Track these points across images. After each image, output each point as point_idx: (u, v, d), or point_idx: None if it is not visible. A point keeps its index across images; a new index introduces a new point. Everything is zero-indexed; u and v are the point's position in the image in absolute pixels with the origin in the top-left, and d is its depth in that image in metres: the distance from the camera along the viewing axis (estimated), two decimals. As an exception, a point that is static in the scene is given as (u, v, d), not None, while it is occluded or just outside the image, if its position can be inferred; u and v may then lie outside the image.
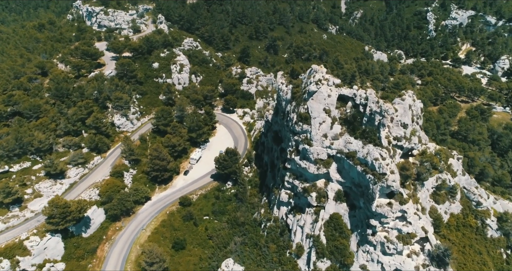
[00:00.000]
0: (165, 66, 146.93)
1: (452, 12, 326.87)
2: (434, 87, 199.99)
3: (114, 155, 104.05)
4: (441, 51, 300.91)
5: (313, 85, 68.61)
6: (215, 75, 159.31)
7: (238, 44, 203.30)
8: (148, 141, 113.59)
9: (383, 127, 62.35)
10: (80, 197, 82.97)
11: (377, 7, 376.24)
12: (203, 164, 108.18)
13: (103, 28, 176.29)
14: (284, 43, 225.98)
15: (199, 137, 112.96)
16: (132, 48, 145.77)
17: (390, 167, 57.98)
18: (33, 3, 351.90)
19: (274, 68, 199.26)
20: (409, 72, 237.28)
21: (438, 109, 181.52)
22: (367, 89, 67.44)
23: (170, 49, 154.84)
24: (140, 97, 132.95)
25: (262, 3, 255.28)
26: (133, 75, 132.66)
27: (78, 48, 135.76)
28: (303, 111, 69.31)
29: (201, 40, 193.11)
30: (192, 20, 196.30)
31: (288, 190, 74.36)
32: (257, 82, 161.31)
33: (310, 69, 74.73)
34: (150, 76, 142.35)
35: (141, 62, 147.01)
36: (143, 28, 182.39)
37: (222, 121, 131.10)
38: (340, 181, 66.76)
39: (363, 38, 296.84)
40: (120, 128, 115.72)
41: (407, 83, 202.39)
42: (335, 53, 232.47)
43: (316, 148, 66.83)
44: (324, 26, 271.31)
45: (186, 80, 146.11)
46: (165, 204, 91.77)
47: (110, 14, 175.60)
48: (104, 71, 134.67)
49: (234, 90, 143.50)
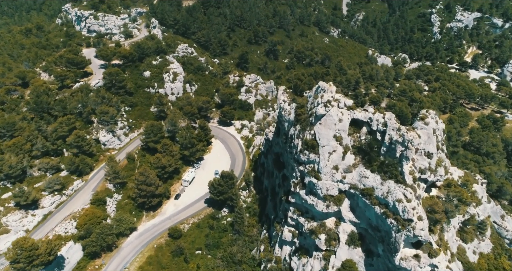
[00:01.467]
0: (157, 75, 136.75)
1: (457, 14, 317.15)
2: (443, 95, 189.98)
3: (97, 177, 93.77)
4: (446, 55, 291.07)
5: (321, 107, 58.45)
6: (212, 83, 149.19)
7: (236, 49, 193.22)
8: (136, 159, 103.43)
9: (406, 160, 52.15)
10: (54, 232, 72.73)
11: (380, 9, 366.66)
12: (196, 186, 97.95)
13: (92, 33, 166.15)
14: (284, 47, 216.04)
15: (193, 155, 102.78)
16: (122, 55, 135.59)
17: (417, 211, 47.81)
18: (25, 6, 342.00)
19: (274, 75, 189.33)
20: (415, 77, 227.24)
21: (448, 118, 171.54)
22: (385, 113, 57.27)
23: (163, 57, 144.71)
24: (130, 110, 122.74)
25: (262, 6, 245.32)
26: (122, 85, 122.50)
27: (63, 56, 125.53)
28: (310, 138, 59.14)
29: (197, 45, 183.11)
30: (188, 24, 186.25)
31: (292, 227, 64.16)
32: (256, 90, 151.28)
33: (317, 87, 64.53)
34: (141, 86, 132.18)
35: (132, 70, 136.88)
36: (135, 33, 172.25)
37: (218, 136, 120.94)
38: (353, 222, 56.56)
39: (366, 41, 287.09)
40: (106, 146, 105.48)
41: (414, 90, 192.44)
42: (337, 58, 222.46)
43: (325, 182, 56.65)
44: (326, 29, 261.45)
45: (180, 90, 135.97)
46: (152, 236, 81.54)
47: (100, 18, 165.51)
48: (90, 82, 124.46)
49: (232, 101, 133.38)
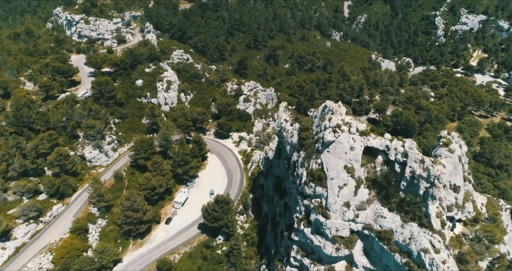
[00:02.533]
0: (150, 83, 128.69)
1: (462, 17, 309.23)
2: (451, 102, 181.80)
3: (81, 200, 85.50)
4: (451, 59, 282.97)
5: (329, 132, 50.24)
6: (208, 92, 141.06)
7: (235, 54, 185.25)
8: (125, 178, 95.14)
9: (432, 200, 43.87)
10: (26, 268, 64.41)
11: (382, 11, 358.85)
12: (190, 208, 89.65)
13: (83, 39, 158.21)
14: (285, 52, 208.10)
15: (186, 173, 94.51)
16: (112, 63, 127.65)
17: (448, 265, 39.48)
18: (19, 8, 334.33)
19: (275, 81, 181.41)
20: (420, 83, 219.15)
21: (457, 127, 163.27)
22: (405, 140, 48.90)
23: (157, 64, 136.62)
24: (120, 122, 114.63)
25: (261, 9, 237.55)
26: (112, 95, 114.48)
27: (49, 64, 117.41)
28: (316, 168, 50.92)
29: (194, 50, 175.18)
30: (184, 28, 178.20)
31: (295, 268, 55.82)
32: (256, 99, 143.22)
33: (324, 107, 56.26)
34: (133, 96, 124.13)
35: (123, 78, 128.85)
36: (129, 38, 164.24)
37: (215, 150, 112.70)
38: (368, 268, 48.23)
39: (369, 45, 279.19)
40: (92, 163, 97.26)
41: (420, 97, 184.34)
42: (340, 63, 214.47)
43: (335, 221, 48.39)
44: (328, 32, 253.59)
45: (174, 100, 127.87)
46: (139, 268, 73.13)
47: (91, 23, 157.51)
48: (77, 92, 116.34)
49: (229, 111, 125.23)
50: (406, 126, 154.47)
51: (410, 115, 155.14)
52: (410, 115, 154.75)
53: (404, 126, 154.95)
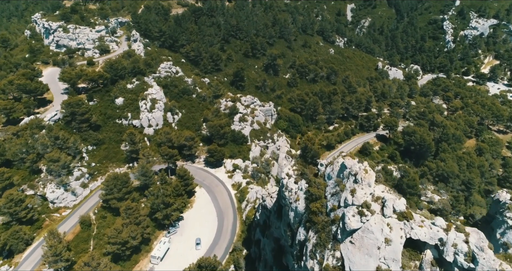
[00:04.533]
0: (132, 102, 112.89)
1: (472, 21, 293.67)
2: (467, 116, 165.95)
3: (35, 257, 69.43)
4: (461, 65, 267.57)
5: (352, 215, 34.35)
6: (199, 110, 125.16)
7: (231, 64, 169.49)
8: (94, 224, 79.16)
9: None
10: None
11: (387, 14, 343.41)
12: (171, 262, 73.65)
13: (62, 49, 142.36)
14: (285, 61, 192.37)
15: (167, 218, 78.58)
16: (89, 79, 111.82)
17: None
18: (7, 12, 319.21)
19: (274, 94, 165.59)
20: (431, 94, 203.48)
21: (477, 147, 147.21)
22: (469, 233, 32.90)
23: (141, 79, 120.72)
24: (94, 149, 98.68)
25: (260, 14, 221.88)
26: (85, 118, 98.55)
27: (13, 82, 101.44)
28: (333, 264, 35.01)
29: (186, 60, 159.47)
30: (176, 36, 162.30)
31: None
32: (253, 118, 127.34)
33: (342, 166, 40.28)
34: (112, 117, 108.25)
35: (102, 96, 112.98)
36: (113, 48, 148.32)
37: (204, 182, 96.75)
38: None
39: (374, 51, 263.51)
40: (55, 204, 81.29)
41: (434, 112, 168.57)
42: (345, 72, 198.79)
43: None
44: (331, 38, 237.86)
45: (160, 121, 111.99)
46: None
47: (70, 31, 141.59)
48: (45, 114, 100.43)
49: (222, 134, 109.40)
50: (420, 147, 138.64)
51: (425, 134, 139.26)
52: (425, 134, 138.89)
53: (418, 147, 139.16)
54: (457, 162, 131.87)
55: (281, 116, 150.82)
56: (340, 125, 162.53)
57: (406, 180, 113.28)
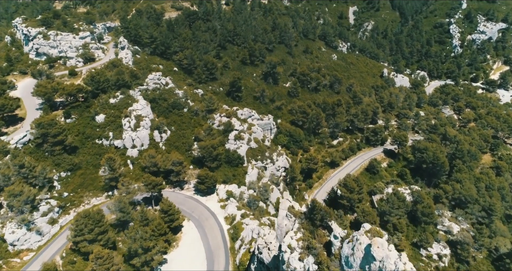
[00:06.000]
0: (114, 119, 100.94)
1: (480, 25, 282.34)
2: (482, 130, 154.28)
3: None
4: (469, 71, 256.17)
5: None
6: (191, 126, 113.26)
7: (227, 72, 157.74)
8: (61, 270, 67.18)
9: None
10: None
11: (390, 17, 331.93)
12: (149, 320, 61.72)
13: (42, 57, 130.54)
14: (286, 68, 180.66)
15: (147, 264, 66.64)
16: (67, 93, 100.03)
17: None
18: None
19: (274, 105, 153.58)
20: (441, 103, 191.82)
21: (494, 165, 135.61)
22: None
23: (126, 92, 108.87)
24: (68, 176, 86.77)
25: (259, 18, 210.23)
26: (59, 140, 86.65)
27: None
28: None
29: (179, 68, 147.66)
30: (168, 42, 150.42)
31: None
32: (250, 134, 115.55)
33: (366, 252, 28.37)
34: (91, 137, 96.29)
35: (81, 112, 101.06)
36: (99, 56, 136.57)
37: (193, 214, 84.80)
38: None
39: (378, 56, 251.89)
40: (16, 247, 69.34)
41: (446, 125, 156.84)
42: (349, 81, 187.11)
43: None
44: (334, 43, 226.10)
45: (145, 140, 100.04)
46: None
47: (51, 38, 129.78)
48: (13, 135, 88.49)
49: (215, 156, 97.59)
50: (433, 165, 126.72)
51: (438, 151, 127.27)
52: (438, 151, 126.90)
53: (430, 165, 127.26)
54: (475, 183, 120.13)
55: (281, 131, 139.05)
56: (344, 139, 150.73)
57: (421, 206, 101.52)
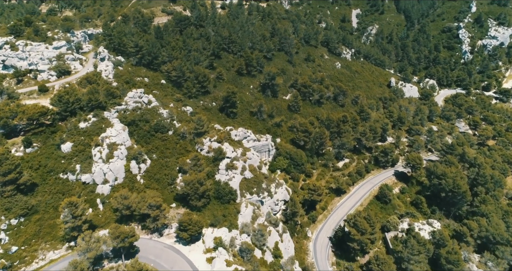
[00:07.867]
0: (84, 148, 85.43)
1: (491, 30, 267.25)
2: (503, 150, 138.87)
3: None
4: (481, 79, 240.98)
5: None
6: (176, 153, 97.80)
7: (221, 84, 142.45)
8: None
9: None
10: None
11: (395, 21, 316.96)
12: None
13: (10, 70, 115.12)
14: (286, 78, 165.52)
15: None
16: (27, 117, 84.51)
17: None
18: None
19: (273, 121, 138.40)
20: (455, 117, 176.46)
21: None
22: None
23: (99, 114, 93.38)
24: (21, 223, 71.27)
25: (257, 23, 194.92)
26: (11, 179, 71.23)
27: None
28: None
29: (167, 81, 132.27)
30: (155, 51, 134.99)
31: None
32: (245, 161, 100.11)
33: None
34: (54, 171, 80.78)
35: (44, 140, 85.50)
36: (76, 68, 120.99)
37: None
38: None
39: (384, 63, 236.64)
40: None
41: (464, 144, 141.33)
42: (354, 92, 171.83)
43: None
44: (337, 50, 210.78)
45: (120, 173, 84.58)
46: None
47: (20, 48, 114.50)
48: (-45, 173, 72.89)
49: (202, 193, 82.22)
50: (453, 194, 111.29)
51: (458, 177, 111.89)
52: (458, 178, 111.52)
53: (450, 194, 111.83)
54: (503, 217, 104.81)
55: (280, 152, 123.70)
56: (351, 160, 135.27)
57: (445, 252, 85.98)
